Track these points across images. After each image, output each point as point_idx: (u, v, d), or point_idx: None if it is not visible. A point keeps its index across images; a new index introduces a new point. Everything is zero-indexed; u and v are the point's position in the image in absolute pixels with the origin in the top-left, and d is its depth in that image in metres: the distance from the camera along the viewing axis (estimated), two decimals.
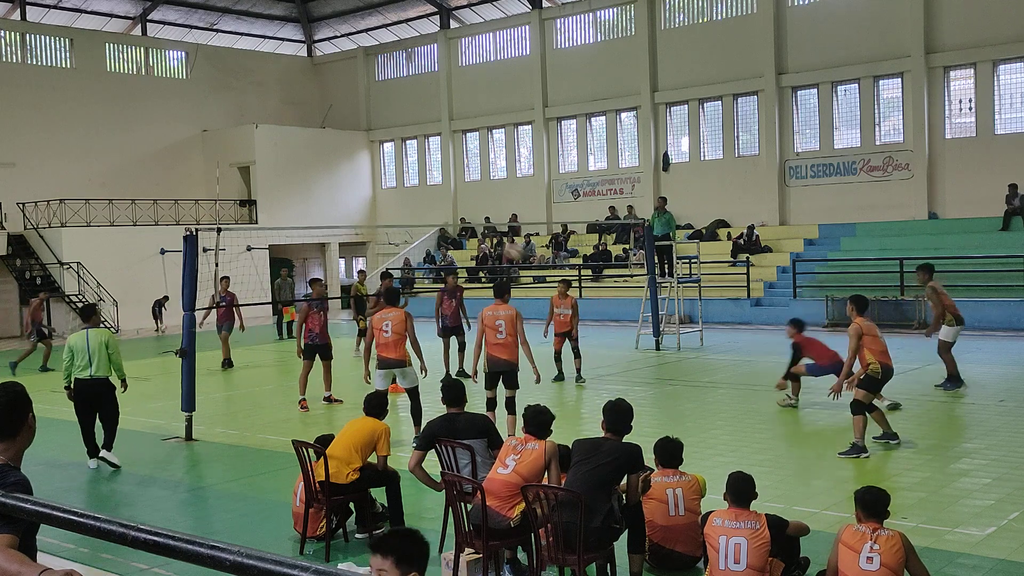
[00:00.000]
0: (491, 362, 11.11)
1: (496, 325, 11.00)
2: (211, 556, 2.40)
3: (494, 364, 11.08)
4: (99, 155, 33.96)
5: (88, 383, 10.83)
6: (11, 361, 20.49)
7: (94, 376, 10.83)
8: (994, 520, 7.82)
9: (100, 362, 10.83)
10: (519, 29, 34.44)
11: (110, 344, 10.94)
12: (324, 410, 14.27)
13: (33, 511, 2.87)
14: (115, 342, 11.08)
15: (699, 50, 29.80)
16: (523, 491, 6.30)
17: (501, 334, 10.98)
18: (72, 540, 7.39)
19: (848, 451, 10.10)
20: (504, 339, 10.98)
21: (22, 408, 3.57)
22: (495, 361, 11.06)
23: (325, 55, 41.09)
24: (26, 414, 3.58)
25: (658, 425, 11.75)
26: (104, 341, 10.92)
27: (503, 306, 11.15)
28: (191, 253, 12.22)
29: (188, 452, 11.91)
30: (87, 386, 10.85)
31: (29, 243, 30.82)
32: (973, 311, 21.54)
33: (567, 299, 15.92)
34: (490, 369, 11.14)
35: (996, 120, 25.20)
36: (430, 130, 37.14)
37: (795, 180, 28.37)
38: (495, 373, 11.13)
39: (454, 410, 7.66)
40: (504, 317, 11.00)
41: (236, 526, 8.64)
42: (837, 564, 5.62)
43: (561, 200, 33.54)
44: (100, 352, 10.84)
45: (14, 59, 32.90)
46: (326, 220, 35.53)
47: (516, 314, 11.03)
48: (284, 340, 25.25)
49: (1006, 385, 14.40)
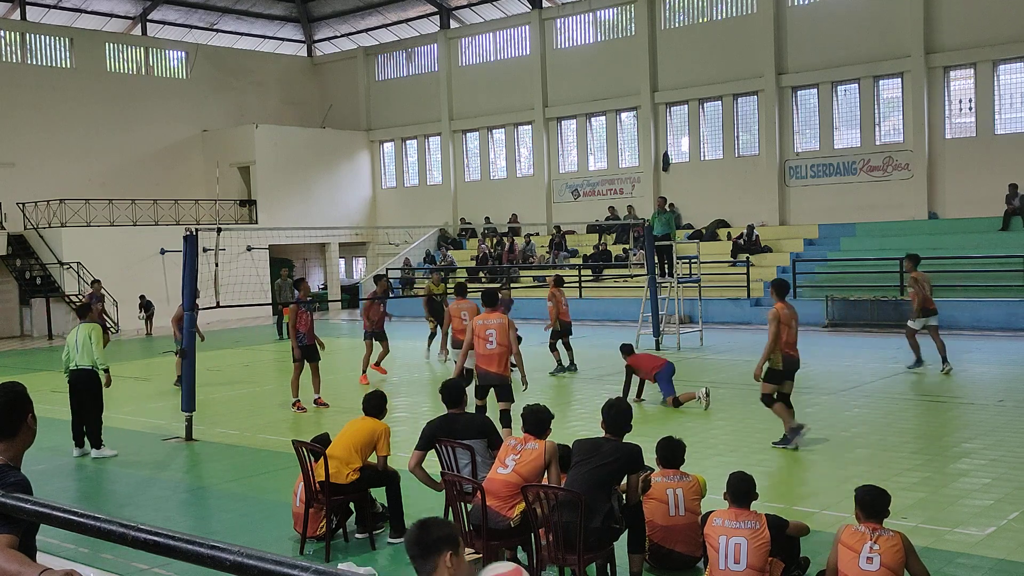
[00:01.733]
0: (481, 375, 10.62)
1: (486, 335, 10.46)
2: (211, 556, 2.40)
3: (484, 377, 10.57)
4: (99, 155, 33.96)
5: (75, 373, 11.59)
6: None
7: (79, 366, 11.54)
8: (994, 520, 7.82)
9: (84, 352, 11.51)
10: (519, 29, 34.43)
11: (92, 335, 11.52)
12: (325, 411, 14.27)
13: (33, 511, 2.87)
14: (98, 334, 11.62)
15: (699, 50, 29.80)
16: (523, 491, 6.30)
17: (491, 344, 10.44)
18: (72, 540, 7.38)
19: (781, 441, 10.59)
20: (494, 349, 10.45)
21: (21, 408, 3.57)
22: (485, 374, 10.55)
23: (325, 55, 41.10)
24: (26, 414, 3.58)
25: (658, 425, 11.76)
26: (88, 333, 11.55)
27: (494, 314, 10.65)
28: (191, 253, 12.22)
29: (188, 452, 11.91)
30: (74, 376, 11.62)
31: (29, 243, 30.82)
32: (972, 311, 21.62)
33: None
34: (480, 382, 10.69)
35: (996, 120, 25.20)
36: (430, 130, 37.14)
37: (795, 180, 28.37)
38: (485, 386, 10.68)
39: (454, 410, 7.66)
40: (495, 327, 10.48)
41: (236, 526, 8.63)
42: (837, 564, 5.62)
43: (561, 200, 33.54)
44: (85, 344, 11.50)
45: (14, 59, 32.91)
46: (326, 220, 35.52)
47: (508, 323, 10.58)
48: (284, 340, 25.26)
49: (1005, 385, 14.40)
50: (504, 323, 10.54)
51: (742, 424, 12.29)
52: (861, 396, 13.66)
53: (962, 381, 15.30)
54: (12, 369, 21.22)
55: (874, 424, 11.79)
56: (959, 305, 21.88)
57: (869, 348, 19.06)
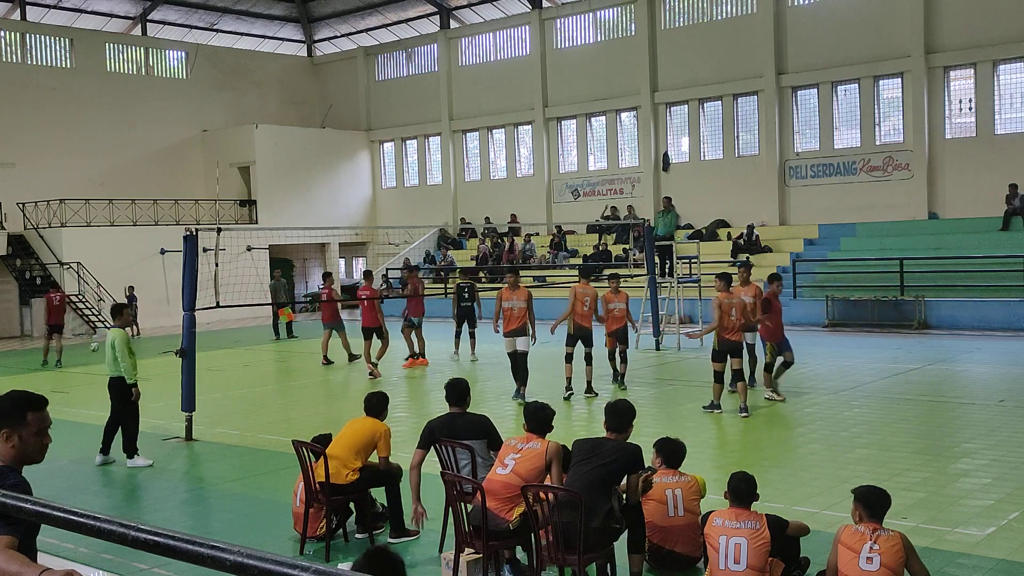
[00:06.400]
0: (577, 328, 14.02)
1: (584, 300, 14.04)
2: (211, 556, 2.39)
3: (579, 329, 14.03)
4: (99, 155, 33.96)
5: (110, 379, 11.16)
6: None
7: (109, 375, 11.14)
8: (994, 520, 7.82)
9: (109, 361, 11.07)
10: (519, 29, 34.43)
11: (116, 344, 10.99)
12: (325, 408, 14.27)
13: (33, 511, 2.87)
14: (122, 342, 11.02)
15: (699, 50, 29.80)
16: (523, 492, 6.29)
17: (586, 307, 14.07)
18: (72, 540, 7.38)
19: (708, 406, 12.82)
20: (587, 311, 14.08)
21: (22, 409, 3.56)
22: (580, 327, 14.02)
23: (325, 55, 41.09)
24: (24, 415, 3.57)
25: (658, 425, 11.75)
26: (112, 341, 11.05)
27: (589, 286, 14.31)
28: (191, 253, 12.21)
29: (188, 452, 11.90)
30: (109, 382, 11.17)
31: (29, 243, 30.82)
32: (973, 311, 21.62)
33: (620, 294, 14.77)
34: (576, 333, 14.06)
35: (996, 120, 25.19)
36: (430, 130, 37.14)
37: (795, 180, 28.37)
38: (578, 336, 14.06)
39: (456, 410, 7.65)
40: (591, 294, 14.15)
41: (236, 526, 8.63)
42: (837, 564, 5.61)
43: (561, 200, 33.54)
44: (109, 352, 11.05)
45: (14, 59, 32.91)
46: (326, 220, 35.52)
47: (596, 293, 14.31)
48: (281, 340, 25.26)
49: (1006, 385, 14.40)
50: (595, 293, 14.30)
51: (742, 424, 12.27)
52: (861, 396, 13.66)
53: (963, 381, 15.32)
54: (12, 369, 21.23)
55: (874, 424, 11.78)
56: (960, 305, 21.89)
57: (869, 348, 19.05)
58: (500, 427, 7.74)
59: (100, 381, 18.30)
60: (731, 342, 12.67)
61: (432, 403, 14.01)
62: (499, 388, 15.35)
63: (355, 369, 18.82)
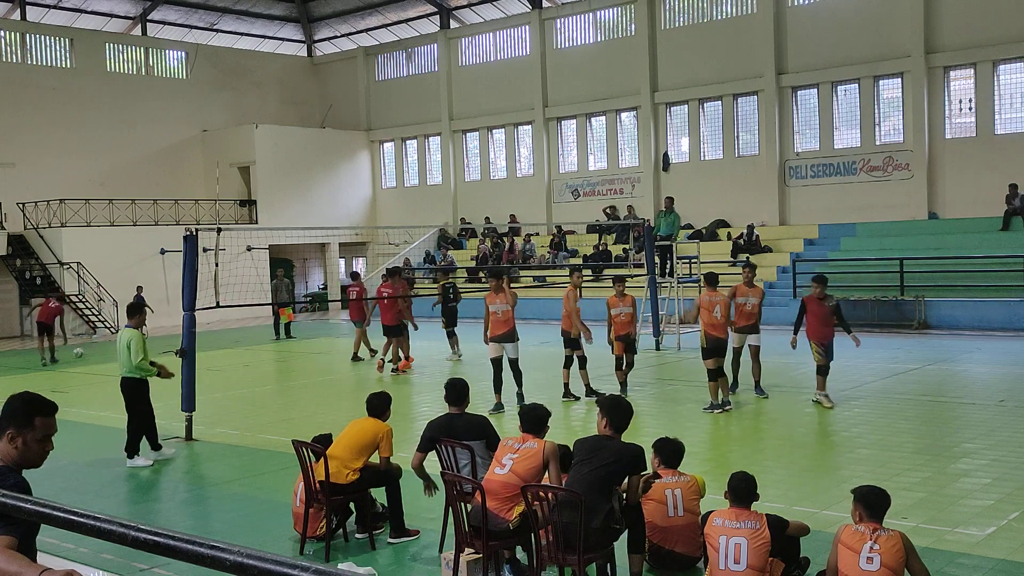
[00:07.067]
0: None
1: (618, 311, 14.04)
2: (211, 556, 2.39)
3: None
4: (99, 155, 33.96)
5: (121, 379, 11.12)
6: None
7: (122, 375, 11.09)
8: (994, 520, 7.81)
9: (123, 362, 11.04)
10: (519, 29, 34.43)
11: (131, 344, 10.97)
12: (327, 408, 14.27)
13: (33, 511, 2.86)
14: (137, 342, 10.98)
15: (699, 50, 29.80)
16: (523, 491, 6.28)
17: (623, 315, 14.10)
18: (72, 540, 7.38)
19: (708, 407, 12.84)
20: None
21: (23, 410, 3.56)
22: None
23: (325, 55, 41.09)
24: (32, 418, 3.57)
25: (658, 425, 11.76)
26: (126, 342, 11.02)
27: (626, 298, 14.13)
28: (191, 253, 12.21)
29: (188, 452, 11.90)
30: (120, 382, 11.14)
31: (29, 243, 30.82)
32: (973, 311, 21.62)
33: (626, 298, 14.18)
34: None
35: (996, 120, 25.19)
36: (430, 130, 37.14)
37: (795, 180, 28.37)
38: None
39: (454, 410, 7.65)
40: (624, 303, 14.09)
41: (236, 526, 8.63)
42: (837, 564, 5.61)
43: (561, 200, 33.54)
44: (123, 352, 11.02)
45: (14, 59, 32.90)
46: (326, 220, 35.53)
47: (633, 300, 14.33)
48: (282, 340, 25.26)
49: (1006, 385, 14.40)
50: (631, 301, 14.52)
51: (742, 424, 12.28)
52: (861, 396, 13.66)
53: (963, 381, 15.32)
54: (12, 369, 21.23)
55: (874, 424, 11.78)
56: (960, 305, 21.89)
57: (869, 348, 19.00)
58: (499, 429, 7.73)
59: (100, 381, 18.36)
60: (717, 338, 12.93)
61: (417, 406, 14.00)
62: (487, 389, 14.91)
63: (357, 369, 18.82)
